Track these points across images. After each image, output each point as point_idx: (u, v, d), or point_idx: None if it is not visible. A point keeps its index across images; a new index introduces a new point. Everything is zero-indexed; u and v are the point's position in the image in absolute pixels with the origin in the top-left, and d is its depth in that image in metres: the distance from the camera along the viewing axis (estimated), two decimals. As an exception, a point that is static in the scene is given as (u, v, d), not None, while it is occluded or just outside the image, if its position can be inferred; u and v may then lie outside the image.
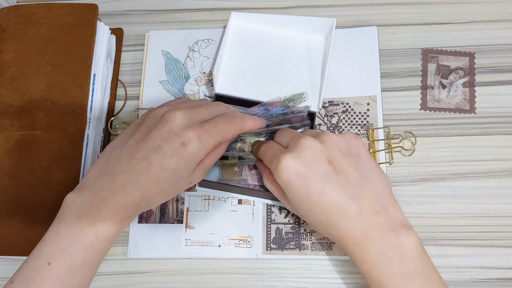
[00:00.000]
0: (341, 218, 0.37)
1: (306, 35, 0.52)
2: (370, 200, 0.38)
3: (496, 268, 0.46)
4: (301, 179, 0.38)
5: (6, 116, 0.49)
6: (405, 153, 0.49)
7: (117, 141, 0.39)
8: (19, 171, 0.47)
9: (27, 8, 0.52)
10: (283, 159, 0.38)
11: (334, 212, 0.37)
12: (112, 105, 0.53)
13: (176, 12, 0.56)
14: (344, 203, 0.37)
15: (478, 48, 0.52)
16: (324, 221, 0.38)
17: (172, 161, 0.35)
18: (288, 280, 0.46)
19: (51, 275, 0.35)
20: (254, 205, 0.48)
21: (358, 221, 0.37)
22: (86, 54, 0.50)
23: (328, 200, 0.37)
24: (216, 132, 0.37)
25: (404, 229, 0.38)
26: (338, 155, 0.39)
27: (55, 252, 0.36)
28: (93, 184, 0.37)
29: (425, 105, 0.51)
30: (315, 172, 0.37)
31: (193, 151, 0.36)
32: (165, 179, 0.36)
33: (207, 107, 0.39)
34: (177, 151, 0.35)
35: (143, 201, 0.37)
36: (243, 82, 0.50)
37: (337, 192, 0.37)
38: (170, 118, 0.36)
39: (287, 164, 0.38)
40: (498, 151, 0.49)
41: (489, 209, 0.48)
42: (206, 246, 0.47)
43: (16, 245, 0.46)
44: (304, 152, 0.38)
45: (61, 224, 0.37)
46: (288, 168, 0.38)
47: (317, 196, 0.37)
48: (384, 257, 0.37)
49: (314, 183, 0.37)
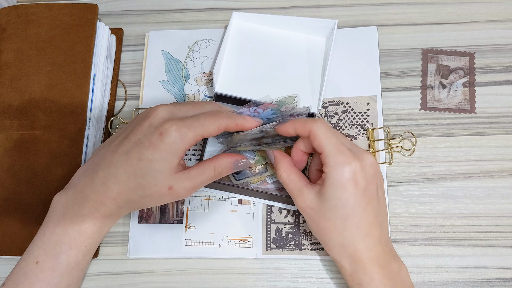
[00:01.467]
0: (365, 238, 0.39)
1: (307, 36, 0.52)
2: (386, 230, 0.41)
3: (496, 268, 0.46)
4: (357, 189, 0.38)
5: (6, 116, 0.49)
6: (405, 153, 0.49)
7: (106, 142, 0.40)
8: (18, 169, 0.47)
9: (27, 8, 0.52)
10: (354, 163, 0.38)
11: (364, 230, 0.39)
12: (112, 105, 0.53)
13: (176, 12, 0.56)
14: (374, 225, 0.39)
15: (478, 48, 0.52)
16: (348, 234, 0.39)
17: (148, 152, 0.36)
18: (288, 280, 0.46)
19: (39, 279, 0.36)
20: (254, 205, 0.48)
21: (377, 244, 0.40)
22: (86, 54, 0.50)
23: (365, 218, 0.39)
24: (197, 125, 0.37)
25: (400, 260, 0.41)
26: (379, 184, 0.41)
27: (41, 253, 0.37)
28: (77, 182, 0.38)
29: (425, 105, 0.51)
30: (368, 190, 0.39)
31: (169, 141, 0.36)
32: (141, 171, 0.36)
33: (193, 105, 0.39)
34: (155, 142, 0.36)
35: (121, 196, 0.37)
36: (243, 82, 0.50)
37: (373, 215, 0.40)
38: (152, 113, 0.37)
39: (354, 169, 0.38)
40: (498, 151, 0.49)
41: (489, 209, 0.48)
42: (206, 246, 0.47)
43: (14, 245, 0.46)
44: (368, 167, 0.39)
45: (47, 225, 0.38)
46: (354, 174, 0.38)
47: (359, 210, 0.39)
48: (391, 280, 0.39)
49: (364, 198, 0.39)
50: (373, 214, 0.40)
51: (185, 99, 0.52)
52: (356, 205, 0.39)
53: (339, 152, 0.39)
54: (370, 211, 0.39)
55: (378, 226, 0.40)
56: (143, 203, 0.39)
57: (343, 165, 0.38)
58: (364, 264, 0.39)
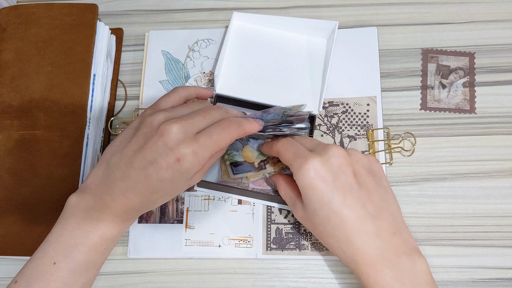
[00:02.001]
0: (358, 234, 0.37)
1: (308, 37, 0.52)
2: (387, 221, 0.38)
3: (496, 268, 0.46)
4: (325, 185, 0.37)
5: (6, 116, 0.49)
6: (405, 154, 0.49)
7: (116, 146, 0.39)
8: (20, 169, 0.47)
9: (27, 8, 0.52)
10: (311, 161, 0.38)
11: (352, 226, 0.37)
12: (112, 105, 0.53)
13: (176, 12, 0.56)
14: (363, 217, 0.37)
15: (478, 48, 0.52)
16: (339, 234, 0.38)
17: (168, 174, 0.36)
18: (288, 280, 0.46)
19: (54, 278, 0.36)
20: (254, 205, 0.48)
21: (375, 240, 0.37)
22: (86, 54, 0.50)
23: (348, 212, 0.37)
24: (212, 144, 0.37)
25: (417, 254, 0.38)
26: (362, 171, 0.39)
27: (59, 254, 0.36)
28: (95, 188, 0.38)
29: (425, 105, 0.51)
30: (341, 181, 0.37)
31: (188, 166, 0.36)
32: (163, 188, 0.37)
33: (204, 116, 0.38)
34: (172, 166, 0.35)
35: (143, 205, 0.38)
36: (244, 83, 0.50)
37: (358, 206, 0.37)
38: (166, 132, 0.36)
39: (314, 167, 0.37)
40: (498, 151, 0.49)
41: (489, 209, 0.48)
42: (206, 246, 0.47)
43: (15, 245, 0.46)
44: (332, 159, 0.38)
45: (65, 227, 0.37)
46: (315, 171, 0.37)
47: (337, 205, 0.37)
48: (399, 280, 0.36)
49: (338, 192, 0.37)
50: (358, 205, 0.37)
51: (185, 99, 0.52)
52: (331, 201, 0.37)
53: (297, 157, 0.39)
54: (353, 203, 0.37)
55: (371, 218, 0.37)
56: (161, 203, 0.39)
57: (302, 166, 0.38)
58: (365, 265, 0.37)
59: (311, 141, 0.42)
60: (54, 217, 0.46)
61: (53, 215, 0.46)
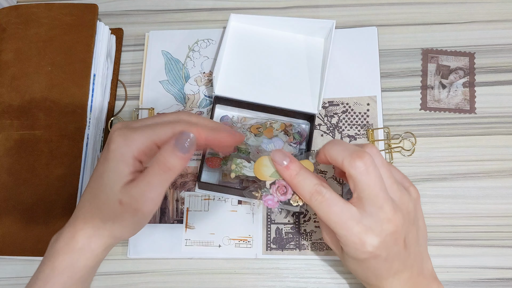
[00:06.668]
0: (392, 282, 0.38)
1: (306, 37, 0.52)
2: (417, 264, 0.38)
3: (496, 268, 0.46)
4: (376, 260, 0.36)
5: (6, 116, 0.49)
6: (405, 153, 0.49)
7: None
8: (19, 169, 0.47)
9: (27, 8, 0.52)
10: (366, 238, 0.35)
11: (390, 276, 0.37)
12: (112, 105, 0.53)
13: (176, 12, 0.56)
14: (400, 271, 0.37)
15: (478, 48, 0.52)
16: (371, 280, 0.38)
17: (99, 166, 0.34)
18: (288, 280, 0.46)
19: None
20: (254, 205, 0.48)
21: (405, 281, 0.38)
22: (86, 54, 0.50)
23: (388, 272, 0.37)
24: (144, 128, 0.33)
25: (435, 284, 0.39)
26: (409, 228, 0.37)
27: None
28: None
29: (425, 105, 0.51)
30: (392, 254, 0.36)
31: (113, 147, 0.33)
32: (95, 191, 0.34)
33: (154, 117, 0.36)
34: (104, 154, 0.34)
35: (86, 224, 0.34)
36: (243, 84, 0.50)
37: (400, 265, 0.37)
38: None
39: (371, 251, 0.35)
40: (498, 151, 0.49)
41: (489, 209, 0.47)
42: (206, 246, 0.47)
43: (14, 245, 0.46)
44: (386, 230, 0.35)
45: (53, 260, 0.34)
46: (371, 252, 0.35)
47: (381, 271, 0.37)
48: None
49: (386, 263, 0.36)
50: (399, 265, 0.37)
51: (185, 99, 0.52)
52: (379, 269, 0.37)
53: (347, 230, 0.35)
54: (396, 265, 0.37)
55: (409, 268, 0.37)
56: (114, 232, 0.34)
57: (354, 246, 0.35)
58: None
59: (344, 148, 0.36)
60: (52, 217, 0.46)
61: (51, 215, 0.46)
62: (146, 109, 0.52)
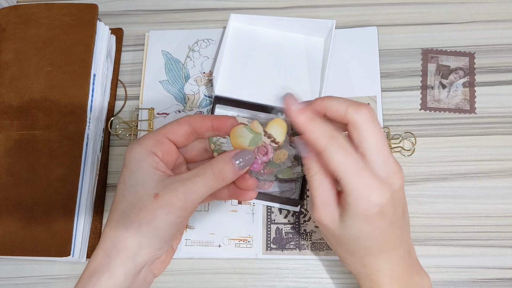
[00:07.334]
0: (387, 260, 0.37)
1: (306, 36, 0.52)
2: (408, 242, 0.38)
3: (496, 268, 0.46)
4: (383, 221, 0.34)
5: (6, 116, 0.49)
6: (405, 153, 0.49)
7: None
8: (18, 169, 0.47)
9: (26, 8, 0.52)
10: (381, 194, 0.33)
11: (387, 254, 0.37)
12: (112, 105, 0.53)
13: (176, 12, 0.56)
14: (398, 246, 0.37)
15: (478, 48, 0.52)
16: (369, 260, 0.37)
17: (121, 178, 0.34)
18: (288, 280, 0.46)
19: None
20: (254, 205, 0.48)
21: (398, 263, 0.37)
22: (86, 54, 0.50)
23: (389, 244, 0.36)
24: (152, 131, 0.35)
25: (422, 272, 0.39)
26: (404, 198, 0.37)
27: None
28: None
29: (425, 105, 0.51)
30: (395, 216, 0.35)
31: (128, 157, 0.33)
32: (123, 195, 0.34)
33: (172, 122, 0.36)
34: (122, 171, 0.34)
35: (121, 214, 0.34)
36: (243, 84, 0.50)
37: (398, 236, 0.36)
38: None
39: (381, 204, 0.33)
40: (498, 151, 0.49)
41: (489, 209, 0.48)
42: (206, 246, 0.47)
43: (14, 245, 0.46)
44: (397, 193, 0.34)
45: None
46: (381, 208, 0.33)
47: (384, 239, 0.36)
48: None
49: (390, 227, 0.35)
50: (397, 235, 0.36)
51: (185, 99, 0.52)
52: (381, 236, 0.35)
53: (361, 179, 0.33)
54: (395, 234, 0.36)
55: (403, 244, 0.37)
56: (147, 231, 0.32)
57: (367, 198, 0.33)
58: (383, 284, 0.37)
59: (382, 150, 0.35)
60: (52, 216, 0.46)
61: (51, 215, 0.46)
62: (146, 109, 0.52)
